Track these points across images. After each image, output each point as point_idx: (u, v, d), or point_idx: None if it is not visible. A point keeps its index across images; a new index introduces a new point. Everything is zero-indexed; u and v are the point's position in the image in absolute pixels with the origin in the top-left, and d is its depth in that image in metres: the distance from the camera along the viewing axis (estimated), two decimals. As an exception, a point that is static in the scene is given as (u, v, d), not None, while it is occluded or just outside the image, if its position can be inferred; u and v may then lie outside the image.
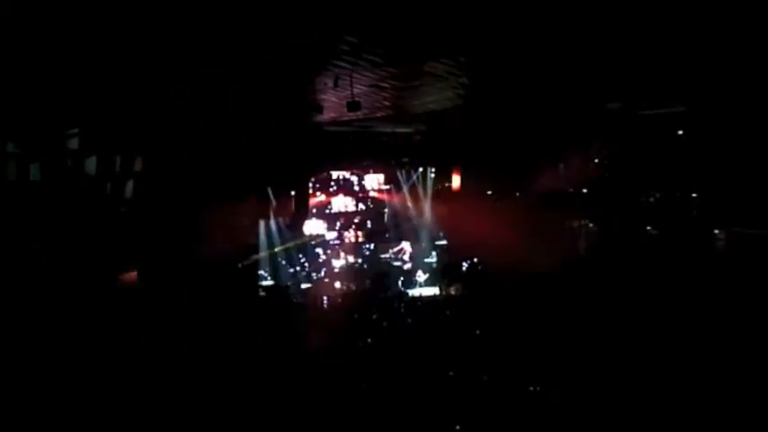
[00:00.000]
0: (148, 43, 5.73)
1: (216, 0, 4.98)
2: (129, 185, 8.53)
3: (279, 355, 6.96)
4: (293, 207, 14.38)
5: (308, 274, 15.14)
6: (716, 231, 11.27)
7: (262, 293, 13.10)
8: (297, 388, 5.93)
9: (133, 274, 7.93)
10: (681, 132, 11.48)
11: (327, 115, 10.62)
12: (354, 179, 16.17)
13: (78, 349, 6.04)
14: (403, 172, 16.05)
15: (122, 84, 6.66)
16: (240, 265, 11.12)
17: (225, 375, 5.74)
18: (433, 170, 15.91)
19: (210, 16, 5.18)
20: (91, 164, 8.08)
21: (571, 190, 13.04)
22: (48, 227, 6.96)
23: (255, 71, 7.06)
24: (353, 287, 14.70)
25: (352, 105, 8.89)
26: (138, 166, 8.63)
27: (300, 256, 15.23)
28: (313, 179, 15.55)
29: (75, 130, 7.73)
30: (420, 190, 16.06)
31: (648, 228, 12.26)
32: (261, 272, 14.05)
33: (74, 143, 7.85)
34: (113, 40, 5.57)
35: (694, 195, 11.82)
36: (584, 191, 13.13)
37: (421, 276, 15.22)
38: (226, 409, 5.35)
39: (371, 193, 16.25)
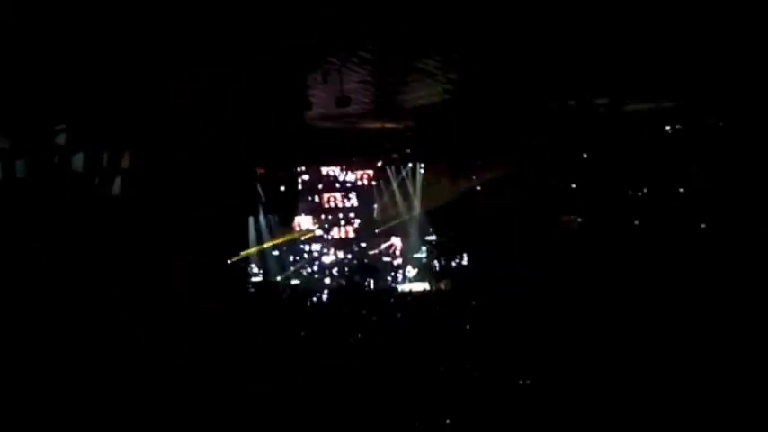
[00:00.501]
0: (145, 42, 5.69)
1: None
2: (118, 182, 8.45)
3: (274, 354, 6.95)
4: (283, 203, 14.33)
5: (298, 270, 15.11)
6: (702, 226, 11.41)
7: (252, 290, 13.05)
8: (294, 386, 5.92)
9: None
10: (669, 128, 11.61)
11: (317, 111, 10.58)
12: (344, 175, 16.15)
13: (78, 349, 6.00)
14: (392, 168, 16.05)
15: (116, 81, 6.61)
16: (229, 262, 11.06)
17: (224, 374, 5.72)
18: (423, 166, 15.92)
19: (208, 15, 5.15)
20: (78, 160, 7.99)
21: (561, 185, 13.14)
22: (45, 226, 6.89)
23: (252, 69, 7.04)
24: (343, 283, 14.70)
25: (342, 101, 8.88)
26: (125, 162, 8.55)
27: (290, 251, 15.20)
28: (303, 175, 15.53)
29: (63, 126, 7.64)
30: (409, 186, 16.07)
31: (636, 222, 12.37)
32: (252, 268, 14.02)
33: (61, 139, 7.75)
34: (110, 39, 5.53)
35: (682, 191, 11.95)
36: (573, 186, 13.23)
37: (410, 272, 15.25)
38: (225, 409, 5.33)
39: (361, 189, 16.24)
